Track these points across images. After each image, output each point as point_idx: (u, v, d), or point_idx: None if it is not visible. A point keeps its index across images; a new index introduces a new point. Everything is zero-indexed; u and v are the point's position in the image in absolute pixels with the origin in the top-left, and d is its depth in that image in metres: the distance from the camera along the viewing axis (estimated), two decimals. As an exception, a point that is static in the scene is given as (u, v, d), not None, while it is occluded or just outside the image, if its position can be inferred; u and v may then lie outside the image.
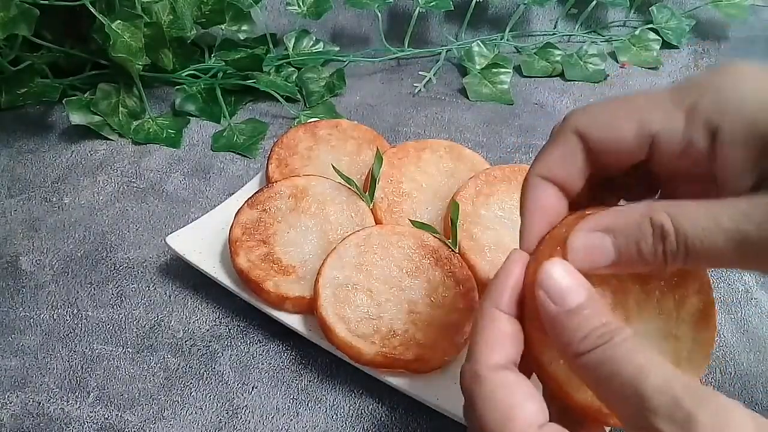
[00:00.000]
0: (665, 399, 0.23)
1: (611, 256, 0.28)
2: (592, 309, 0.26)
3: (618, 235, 0.27)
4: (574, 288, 0.27)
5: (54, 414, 0.45)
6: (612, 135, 0.29)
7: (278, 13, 0.82)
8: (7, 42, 0.66)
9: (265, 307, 0.47)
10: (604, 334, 0.25)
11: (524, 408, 0.26)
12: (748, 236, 0.25)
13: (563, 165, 0.30)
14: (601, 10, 0.85)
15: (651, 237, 0.27)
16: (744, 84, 0.27)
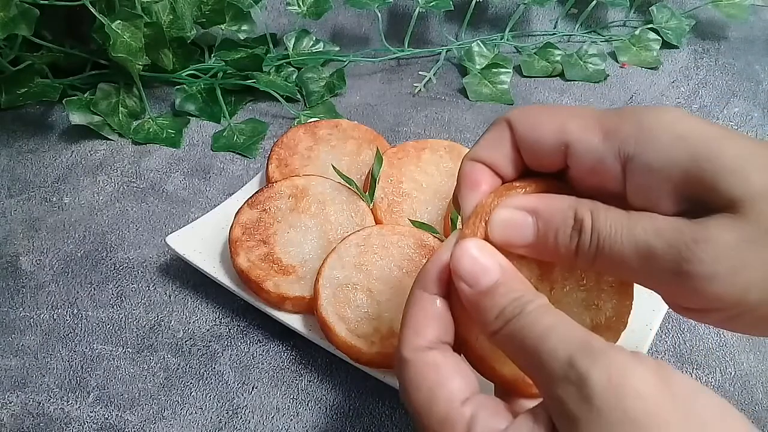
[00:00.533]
0: (560, 360, 0.23)
1: (529, 237, 0.28)
2: (505, 287, 0.26)
3: (540, 218, 0.28)
4: (487, 268, 0.27)
5: (54, 414, 0.45)
6: (533, 133, 0.29)
7: (278, 13, 0.82)
8: (7, 42, 0.66)
9: (265, 307, 0.47)
10: (515, 308, 0.25)
11: (446, 386, 0.26)
12: (654, 253, 0.25)
13: (492, 149, 0.31)
14: (601, 10, 0.85)
15: (570, 228, 0.27)
16: (666, 119, 0.27)
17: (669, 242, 0.25)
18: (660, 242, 0.25)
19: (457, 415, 0.25)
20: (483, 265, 0.27)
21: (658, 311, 0.46)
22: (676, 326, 0.49)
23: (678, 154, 0.26)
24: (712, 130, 0.26)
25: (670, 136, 0.26)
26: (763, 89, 0.76)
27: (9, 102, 0.69)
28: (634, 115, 0.27)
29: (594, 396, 0.21)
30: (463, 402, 0.26)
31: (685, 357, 0.47)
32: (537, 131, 0.29)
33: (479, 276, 0.27)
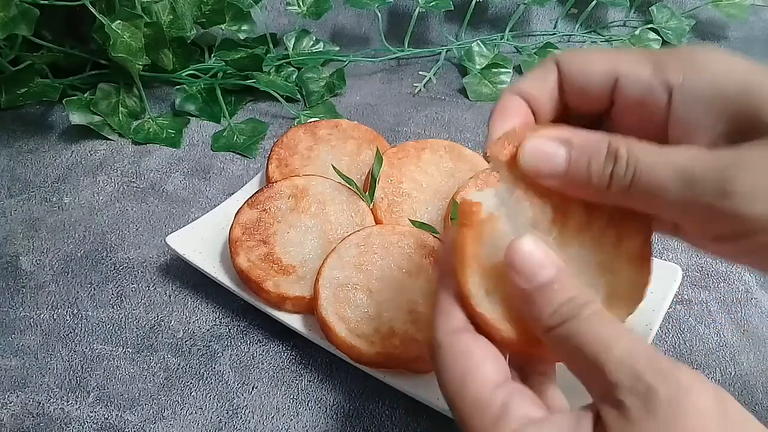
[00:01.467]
0: (627, 372, 0.23)
1: (561, 167, 0.28)
2: (560, 284, 0.26)
3: (573, 147, 0.28)
4: (545, 263, 0.27)
5: (54, 414, 0.45)
6: (583, 68, 0.30)
7: (278, 13, 0.82)
8: (7, 42, 0.66)
9: (265, 307, 0.47)
10: (572, 309, 0.26)
11: (480, 370, 0.27)
12: (694, 174, 0.25)
13: (535, 84, 0.31)
14: (601, 10, 0.85)
15: (603, 156, 0.27)
16: (713, 54, 0.28)
17: (710, 165, 0.25)
18: (700, 166, 0.25)
19: (490, 398, 0.26)
20: (540, 259, 0.27)
21: (658, 311, 0.46)
22: (676, 326, 0.50)
23: (726, 84, 0.27)
24: (759, 67, 0.28)
25: (719, 68, 0.28)
26: (763, 89, 0.76)
27: (9, 102, 0.69)
28: (683, 52, 0.29)
29: (659, 409, 0.23)
30: (496, 386, 0.26)
31: (685, 357, 0.47)
32: (588, 66, 0.30)
33: (536, 270, 0.27)
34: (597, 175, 0.27)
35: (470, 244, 0.29)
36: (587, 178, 0.28)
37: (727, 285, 0.53)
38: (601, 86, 0.30)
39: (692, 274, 0.53)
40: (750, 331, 0.49)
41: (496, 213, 0.29)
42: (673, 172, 0.26)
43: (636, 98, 0.29)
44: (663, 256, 0.54)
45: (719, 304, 0.51)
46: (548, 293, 0.26)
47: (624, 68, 0.29)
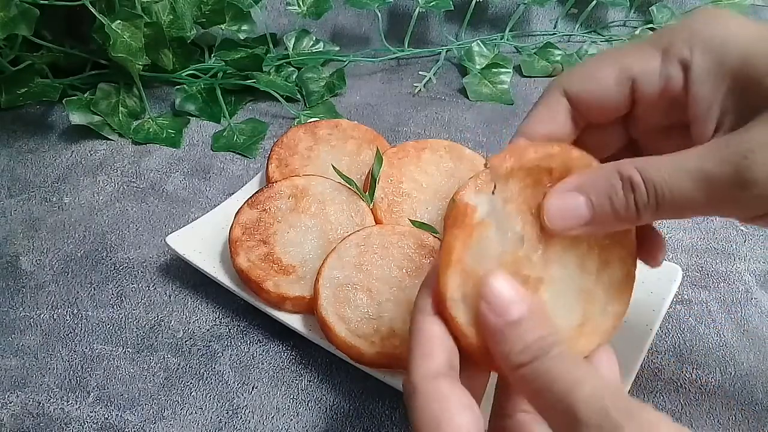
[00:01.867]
0: (595, 410, 0.24)
1: (586, 215, 0.28)
2: (531, 321, 0.26)
3: (590, 192, 0.28)
4: (516, 301, 0.27)
5: (54, 414, 0.45)
6: (594, 83, 0.30)
7: (278, 13, 0.82)
8: (7, 42, 0.66)
9: (265, 307, 0.47)
10: (542, 347, 0.26)
11: (453, 421, 0.26)
12: (710, 174, 0.25)
13: (547, 122, 0.31)
14: (601, 10, 0.85)
15: (621, 189, 0.27)
16: (715, 21, 0.28)
17: (721, 159, 0.25)
18: (713, 163, 0.25)
19: None
20: (513, 296, 0.27)
21: (658, 311, 0.46)
22: (676, 326, 0.50)
23: (727, 56, 0.27)
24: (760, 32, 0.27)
25: (719, 38, 0.27)
26: (763, 89, 0.76)
27: (9, 102, 0.69)
28: (684, 24, 0.28)
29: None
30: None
31: (685, 357, 0.47)
32: (597, 80, 0.29)
33: (509, 306, 0.27)
34: (623, 209, 0.27)
35: (458, 246, 0.29)
36: (615, 214, 0.28)
37: (727, 285, 0.53)
38: (619, 95, 0.30)
39: (692, 274, 0.53)
40: (750, 331, 0.49)
41: (488, 220, 0.29)
42: (691, 180, 0.26)
43: (657, 92, 0.29)
44: (663, 256, 0.54)
45: (719, 304, 0.51)
46: (518, 330, 0.26)
47: (635, 67, 0.29)
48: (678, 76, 0.28)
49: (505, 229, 0.29)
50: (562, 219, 0.28)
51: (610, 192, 0.27)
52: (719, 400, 0.45)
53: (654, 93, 0.29)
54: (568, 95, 0.30)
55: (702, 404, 0.45)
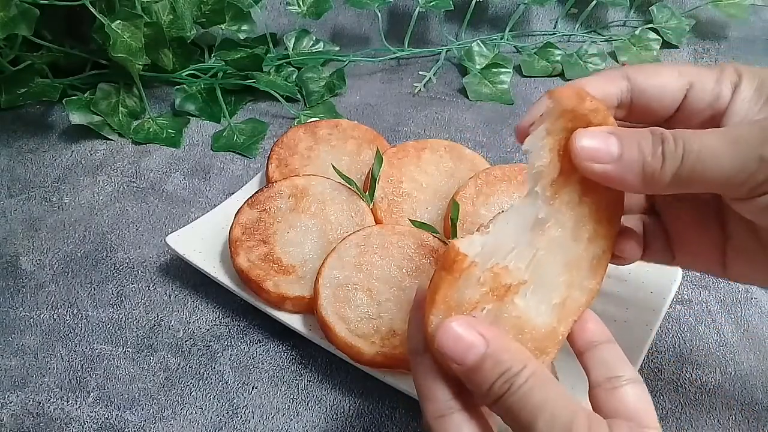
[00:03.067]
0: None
1: (615, 152, 0.29)
2: (491, 359, 0.28)
3: (622, 135, 0.29)
4: (472, 343, 0.28)
5: (54, 414, 0.45)
6: (657, 78, 0.32)
7: (278, 13, 0.82)
8: (7, 42, 0.66)
9: (265, 307, 0.47)
10: (504, 384, 0.27)
11: None
12: (740, 134, 0.27)
13: (602, 86, 0.32)
14: (601, 9, 0.85)
15: (651, 138, 0.29)
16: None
17: (752, 124, 0.28)
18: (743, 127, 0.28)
19: None
20: (467, 341, 0.28)
21: (658, 311, 0.46)
22: (676, 326, 0.50)
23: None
24: None
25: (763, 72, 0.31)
26: (763, 89, 0.76)
27: (9, 102, 0.69)
28: (732, 64, 0.32)
29: None
30: None
31: (685, 357, 0.47)
32: (661, 75, 0.32)
33: (465, 354, 0.28)
34: (650, 155, 0.28)
35: (444, 288, 0.30)
36: (641, 160, 0.29)
37: (727, 285, 0.53)
38: (675, 94, 0.32)
39: (692, 274, 0.53)
40: (750, 331, 0.49)
41: (476, 260, 0.30)
42: (719, 136, 0.28)
43: (706, 103, 0.31)
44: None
45: (719, 304, 0.51)
46: (480, 373, 0.28)
47: (694, 77, 0.32)
48: (727, 95, 0.31)
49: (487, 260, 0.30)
50: (592, 150, 0.29)
51: (640, 139, 0.29)
52: (719, 400, 0.45)
53: (703, 102, 0.31)
54: (630, 81, 0.32)
55: (702, 404, 0.45)
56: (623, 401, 0.29)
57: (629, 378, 0.29)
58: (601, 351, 0.31)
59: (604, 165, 0.29)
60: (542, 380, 0.28)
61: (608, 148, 0.29)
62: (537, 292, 0.31)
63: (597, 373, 0.30)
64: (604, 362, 0.30)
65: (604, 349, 0.31)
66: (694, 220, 0.35)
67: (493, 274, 0.30)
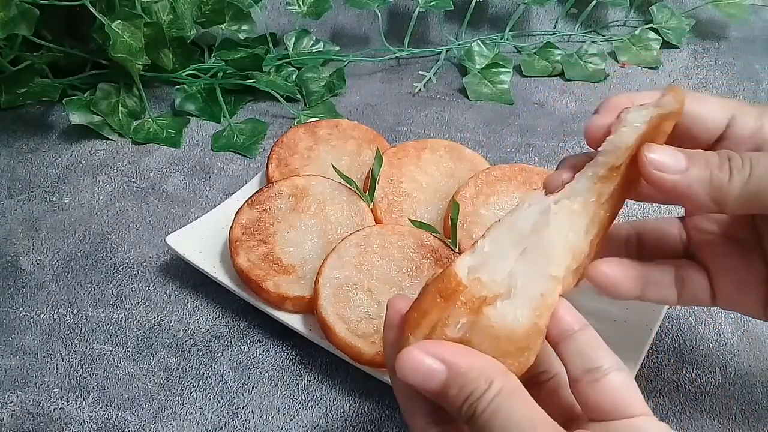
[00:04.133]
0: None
1: (683, 165, 0.30)
2: (454, 386, 0.28)
3: (688, 152, 0.30)
4: (432, 370, 0.28)
5: (54, 414, 0.45)
6: (702, 106, 0.33)
7: (278, 13, 0.82)
8: (7, 42, 0.66)
9: (265, 307, 0.47)
10: (469, 409, 0.27)
11: None
12: None
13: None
14: (601, 9, 0.85)
15: (717, 156, 0.30)
16: None
17: None
18: None
19: None
20: (426, 369, 0.28)
21: (658, 311, 0.46)
22: (676, 326, 0.49)
23: None
24: None
25: None
26: (763, 89, 0.76)
27: (9, 102, 0.69)
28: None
29: None
30: None
31: (685, 357, 0.47)
32: (706, 104, 0.33)
33: (426, 381, 0.28)
34: (717, 168, 0.29)
35: (435, 313, 0.29)
36: (708, 173, 0.30)
37: (727, 285, 0.53)
38: (718, 123, 0.33)
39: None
40: (750, 331, 0.49)
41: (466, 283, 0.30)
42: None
43: (748, 133, 0.32)
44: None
45: (719, 304, 0.51)
46: (446, 398, 0.28)
47: (737, 110, 0.33)
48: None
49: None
50: (660, 162, 0.30)
51: (707, 155, 0.30)
52: (719, 400, 0.45)
53: (746, 132, 0.32)
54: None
55: (702, 404, 0.45)
56: (606, 394, 0.28)
57: (609, 367, 0.28)
58: (576, 340, 0.29)
59: (672, 175, 0.30)
60: (508, 396, 0.27)
61: (676, 161, 0.30)
62: (516, 297, 0.30)
63: (575, 365, 0.29)
64: (581, 353, 0.29)
65: (579, 337, 0.29)
66: (736, 257, 0.35)
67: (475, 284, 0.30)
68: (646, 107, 0.30)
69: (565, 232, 0.30)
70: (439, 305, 0.29)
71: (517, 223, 0.31)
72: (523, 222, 0.31)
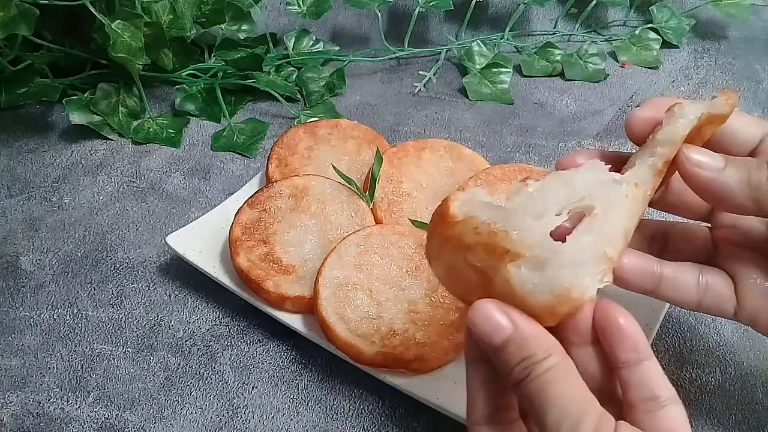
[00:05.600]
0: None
1: (720, 165, 0.31)
2: (515, 345, 0.28)
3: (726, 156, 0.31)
4: (499, 326, 0.29)
5: (54, 414, 0.45)
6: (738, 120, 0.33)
7: (278, 13, 0.82)
8: (7, 42, 0.66)
9: (265, 307, 0.47)
10: (524, 370, 0.28)
11: None
12: None
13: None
14: (601, 9, 0.85)
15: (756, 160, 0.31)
16: None
17: None
18: None
19: None
20: (495, 322, 0.29)
21: (658, 311, 0.46)
22: (676, 326, 0.49)
23: None
24: None
25: None
26: (764, 89, 0.76)
27: (9, 102, 0.69)
28: None
29: None
30: None
31: (685, 357, 0.47)
32: (742, 120, 0.33)
33: (491, 334, 0.29)
34: (755, 168, 0.30)
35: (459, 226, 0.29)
36: (746, 172, 0.30)
37: (727, 285, 0.53)
38: (749, 138, 0.33)
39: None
40: (750, 331, 0.49)
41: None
42: None
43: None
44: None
45: (719, 303, 0.51)
46: (504, 355, 0.29)
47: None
48: None
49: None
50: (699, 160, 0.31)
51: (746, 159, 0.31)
52: (719, 400, 0.45)
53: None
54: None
55: (702, 404, 0.45)
56: (662, 423, 0.28)
57: (666, 398, 0.28)
58: (643, 369, 0.29)
59: (710, 172, 0.30)
60: (562, 373, 0.28)
61: (715, 159, 0.31)
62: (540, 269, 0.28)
63: (634, 393, 0.29)
64: (643, 383, 0.29)
65: (646, 367, 0.29)
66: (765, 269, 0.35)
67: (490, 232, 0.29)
68: (700, 102, 0.31)
69: (624, 217, 0.30)
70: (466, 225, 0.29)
71: (573, 181, 0.30)
72: (580, 183, 0.30)
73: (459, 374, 0.44)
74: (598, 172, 0.30)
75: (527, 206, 0.29)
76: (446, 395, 0.42)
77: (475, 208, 0.29)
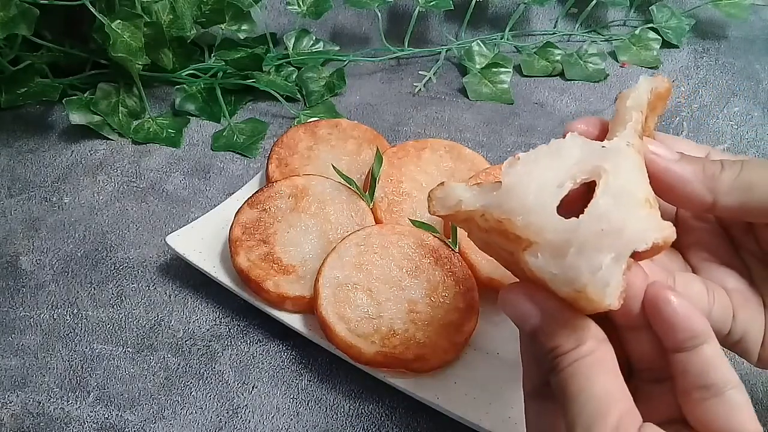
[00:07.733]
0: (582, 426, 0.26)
1: (677, 156, 0.31)
2: (543, 334, 0.28)
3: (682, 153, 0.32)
4: (529, 313, 0.28)
5: (54, 414, 0.45)
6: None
7: (278, 13, 0.82)
8: (7, 42, 0.66)
9: (265, 307, 0.47)
10: (551, 360, 0.28)
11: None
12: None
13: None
14: (601, 9, 0.85)
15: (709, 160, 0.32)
16: None
17: None
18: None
19: None
20: (522, 311, 0.29)
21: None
22: (676, 326, 0.49)
23: None
24: None
25: None
26: (764, 88, 0.76)
27: (9, 102, 0.69)
28: None
29: None
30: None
31: (685, 357, 0.47)
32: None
33: (522, 322, 0.29)
34: (709, 162, 0.31)
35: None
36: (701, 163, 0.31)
37: (727, 285, 0.53)
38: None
39: (692, 273, 0.53)
40: (750, 330, 0.49)
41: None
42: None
43: None
44: (663, 256, 0.54)
45: (719, 303, 0.51)
46: (536, 341, 0.29)
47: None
48: None
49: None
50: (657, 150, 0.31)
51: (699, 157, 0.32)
52: (719, 400, 0.45)
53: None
54: None
55: (702, 404, 0.44)
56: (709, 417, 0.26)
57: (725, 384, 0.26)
58: (697, 354, 0.26)
59: (666, 162, 0.31)
60: (592, 364, 0.26)
61: (670, 152, 0.31)
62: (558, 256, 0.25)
63: (688, 380, 0.26)
64: (697, 367, 0.26)
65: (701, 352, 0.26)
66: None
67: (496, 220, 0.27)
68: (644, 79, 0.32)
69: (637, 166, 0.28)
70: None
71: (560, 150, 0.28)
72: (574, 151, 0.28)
73: (459, 374, 0.44)
74: (584, 140, 0.29)
75: (524, 183, 0.27)
76: (446, 395, 0.42)
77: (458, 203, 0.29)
